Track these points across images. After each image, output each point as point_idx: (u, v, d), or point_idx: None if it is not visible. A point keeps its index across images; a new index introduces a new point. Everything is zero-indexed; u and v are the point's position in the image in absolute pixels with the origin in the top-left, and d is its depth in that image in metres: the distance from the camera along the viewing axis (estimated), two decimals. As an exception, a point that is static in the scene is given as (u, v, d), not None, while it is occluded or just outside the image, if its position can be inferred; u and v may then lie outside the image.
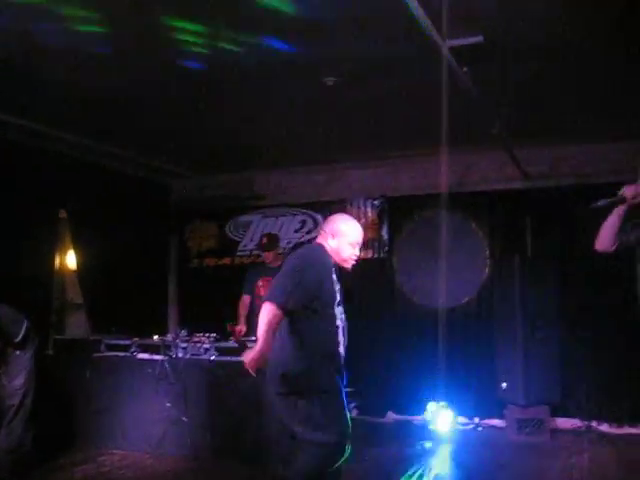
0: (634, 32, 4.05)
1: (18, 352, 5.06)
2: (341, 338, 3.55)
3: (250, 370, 3.33)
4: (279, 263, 6.77)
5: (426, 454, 6.00)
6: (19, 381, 5.03)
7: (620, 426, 6.65)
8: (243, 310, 6.73)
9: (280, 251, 7.12)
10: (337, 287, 3.54)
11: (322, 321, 3.47)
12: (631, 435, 6.53)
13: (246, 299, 6.76)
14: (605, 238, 3.41)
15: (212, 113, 5.88)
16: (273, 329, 3.31)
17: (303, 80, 5.05)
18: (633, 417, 6.64)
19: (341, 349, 3.55)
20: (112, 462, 5.64)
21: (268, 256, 6.73)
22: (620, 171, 6.77)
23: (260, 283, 6.68)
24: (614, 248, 3.43)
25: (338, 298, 3.53)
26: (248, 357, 3.32)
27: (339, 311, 3.54)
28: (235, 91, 5.33)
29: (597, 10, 3.76)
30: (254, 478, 5.17)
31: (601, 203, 3.31)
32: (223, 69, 4.82)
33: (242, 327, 6.58)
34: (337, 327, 3.53)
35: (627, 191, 3.27)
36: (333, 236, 3.61)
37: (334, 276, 3.54)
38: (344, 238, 3.60)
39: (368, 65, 4.71)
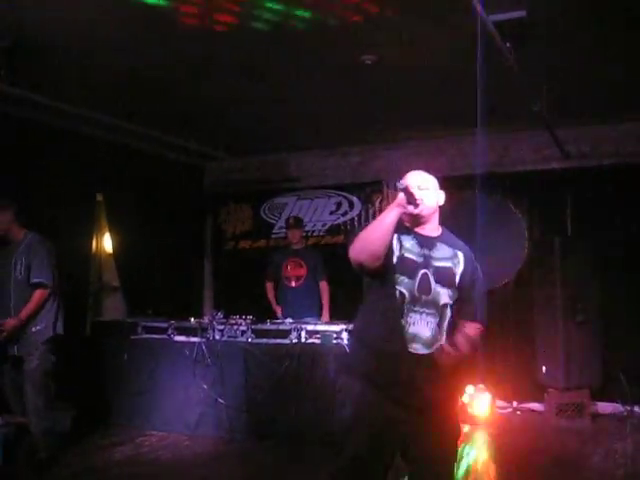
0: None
1: (34, 328, 4.89)
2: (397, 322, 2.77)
3: None
4: (303, 245, 6.98)
5: (464, 438, 5.93)
6: (33, 363, 4.86)
7: (663, 411, 6.52)
8: (271, 293, 6.89)
9: (304, 234, 7.25)
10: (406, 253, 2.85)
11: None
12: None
13: (269, 286, 6.92)
14: None
15: (246, 95, 5.82)
16: None
17: (341, 59, 4.96)
18: (676, 402, 6.50)
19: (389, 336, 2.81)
20: (150, 443, 5.68)
21: (294, 234, 6.78)
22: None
23: (287, 264, 6.80)
24: None
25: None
26: None
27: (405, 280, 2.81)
28: (269, 72, 5.27)
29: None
30: (291, 460, 5.18)
31: None
32: (256, 51, 4.75)
33: (278, 308, 6.74)
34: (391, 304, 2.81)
35: None
36: None
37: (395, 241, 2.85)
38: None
39: (409, 42, 4.61)
